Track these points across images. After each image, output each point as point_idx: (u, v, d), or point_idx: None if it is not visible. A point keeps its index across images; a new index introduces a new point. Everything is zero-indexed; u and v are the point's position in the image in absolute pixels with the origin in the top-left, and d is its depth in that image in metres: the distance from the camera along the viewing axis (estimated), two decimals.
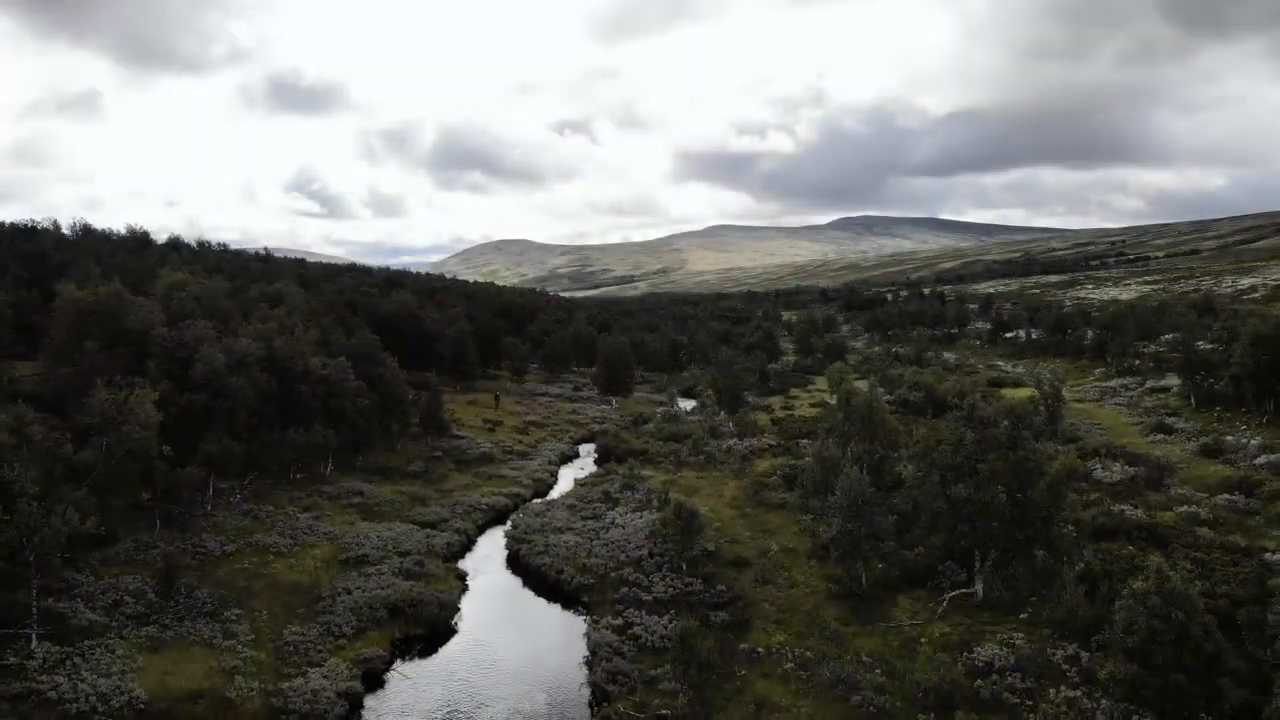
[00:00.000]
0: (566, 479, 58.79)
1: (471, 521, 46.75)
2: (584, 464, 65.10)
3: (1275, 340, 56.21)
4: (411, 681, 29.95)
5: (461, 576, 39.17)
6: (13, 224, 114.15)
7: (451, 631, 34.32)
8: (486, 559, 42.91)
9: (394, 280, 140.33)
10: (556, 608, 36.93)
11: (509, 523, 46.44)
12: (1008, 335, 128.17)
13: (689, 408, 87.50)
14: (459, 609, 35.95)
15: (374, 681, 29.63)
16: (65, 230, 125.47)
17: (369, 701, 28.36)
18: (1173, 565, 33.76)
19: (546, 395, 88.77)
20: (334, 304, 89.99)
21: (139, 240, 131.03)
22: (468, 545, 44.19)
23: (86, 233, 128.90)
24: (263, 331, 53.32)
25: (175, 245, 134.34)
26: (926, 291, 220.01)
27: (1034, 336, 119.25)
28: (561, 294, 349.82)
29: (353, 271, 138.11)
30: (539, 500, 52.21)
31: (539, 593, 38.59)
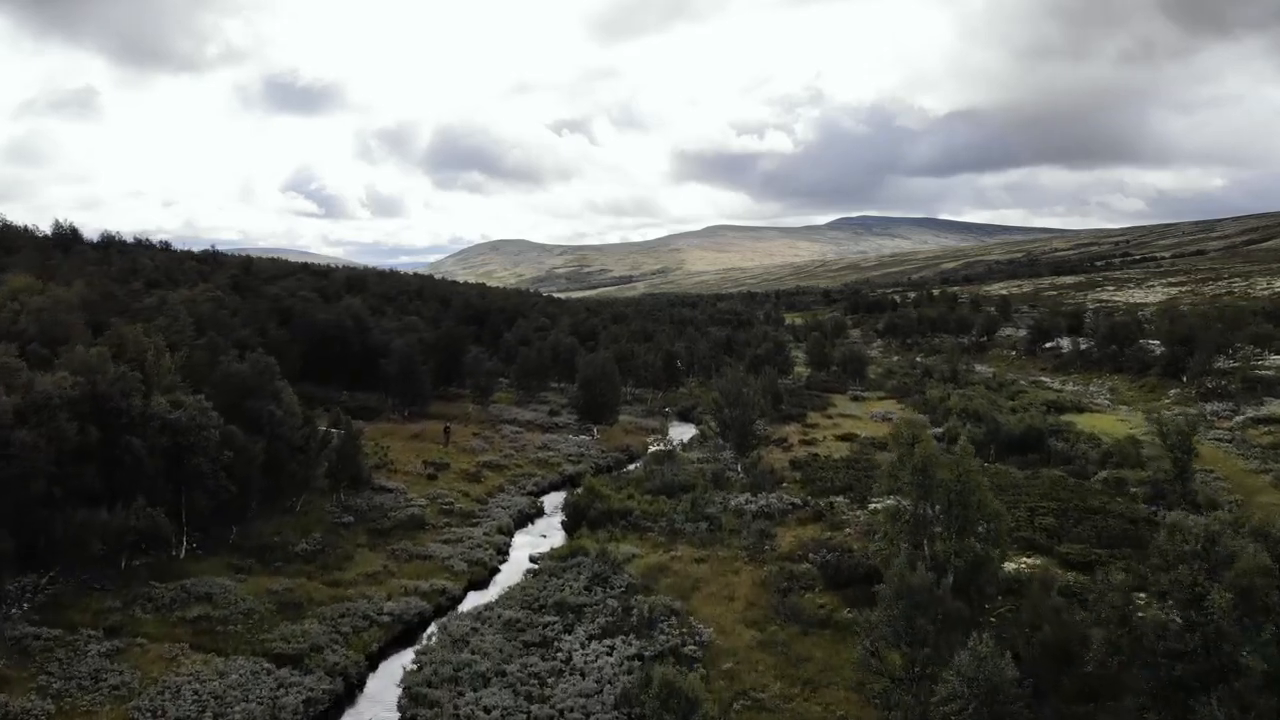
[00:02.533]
0: (520, 554, 43.69)
1: (360, 648, 31.31)
2: (547, 526, 49.95)
3: None
4: None
5: None
6: None
7: None
8: None
9: (354, 282, 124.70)
10: None
11: (416, 651, 31.21)
12: (1048, 345, 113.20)
13: (686, 438, 72.59)
14: None
15: None
16: None
17: None
18: None
19: (514, 423, 73.63)
20: (258, 312, 74.82)
21: (64, 239, 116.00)
22: (344, 699, 28.68)
23: (5, 230, 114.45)
24: (89, 360, 38.10)
25: (106, 244, 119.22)
26: (935, 293, 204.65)
27: (1081, 347, 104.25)
28: (558, 294, 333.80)
29: (301, 273, 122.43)
30: (472, 601, 36.96)
31: None
